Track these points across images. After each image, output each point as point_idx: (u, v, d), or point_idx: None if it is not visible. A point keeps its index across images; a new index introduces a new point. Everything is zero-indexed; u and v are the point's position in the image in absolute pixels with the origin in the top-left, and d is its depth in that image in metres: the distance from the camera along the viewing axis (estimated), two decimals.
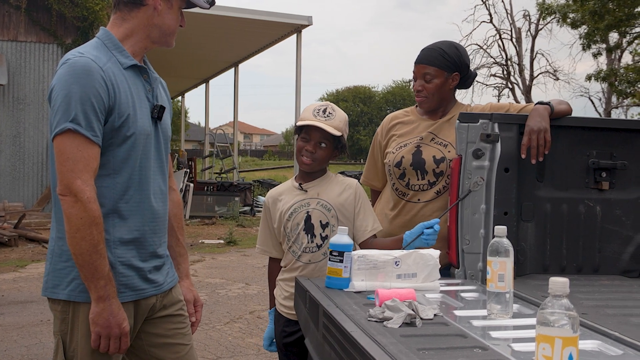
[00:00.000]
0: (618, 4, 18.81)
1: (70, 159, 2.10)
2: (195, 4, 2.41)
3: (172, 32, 2.38)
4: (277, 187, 3.19)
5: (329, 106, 2.99)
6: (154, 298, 2.36)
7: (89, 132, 2.12)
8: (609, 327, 2.02)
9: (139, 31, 2.32)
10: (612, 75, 22.06)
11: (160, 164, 2.39)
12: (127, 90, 2.24)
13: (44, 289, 2.27)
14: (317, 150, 2.97)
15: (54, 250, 2.24)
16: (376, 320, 2.01)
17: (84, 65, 2.15)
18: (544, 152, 2.83)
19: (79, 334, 2.19)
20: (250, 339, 5.86)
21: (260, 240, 3.17)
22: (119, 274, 2.22)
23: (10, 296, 7.49)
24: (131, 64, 2.29)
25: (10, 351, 5.42)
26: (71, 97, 2.11)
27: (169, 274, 2.46)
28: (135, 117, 2.25)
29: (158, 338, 2.41)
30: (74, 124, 2.10)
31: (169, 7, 2.33)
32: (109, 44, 2.28)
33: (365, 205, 3.03)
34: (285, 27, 16.66)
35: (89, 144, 2.12)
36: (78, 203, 2.08)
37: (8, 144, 14.36)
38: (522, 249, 2.94)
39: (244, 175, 26.29)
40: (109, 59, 2.24)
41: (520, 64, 32.71)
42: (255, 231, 14.13)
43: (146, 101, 2.33)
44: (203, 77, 24.65)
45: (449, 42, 3.27)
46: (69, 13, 14.40)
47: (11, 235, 11.25)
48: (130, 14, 2.31)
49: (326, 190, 3.01)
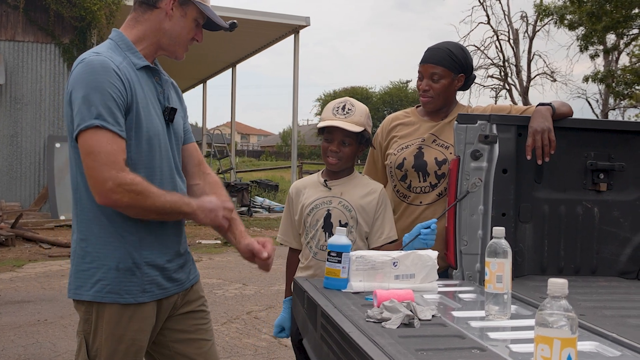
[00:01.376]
0: (615, 6, 18.86)
1: (101, 152, 2.09)
2: (217, 24, 2.41)
3: (182, 41, 2.37)
4: (303, 179, 3.24)
5: (347, 102, 3.00)
6: (175, 296, 2.40)
7: (117, 127, 2.13)
8: (607, 328, 2.02)
9: (150, 35, 2.33)
10: (609, 77, 22.11)
11: (175, 165, 2.41)
12: (140, 91, 2.25)
13: (69, 291, 2.30)
14: (341, 149, 2.99)
15: (76, 252, 2.27)
16: (374, 321, 2.01)
17: (101, 63, 2.16)
18: (549, 152, 2.82)
19: (103, 334, 2.23)
20: (247, 340, 5.85)
21: (281, 230, 3.22)
22: (144, 275, 2.26)
23: (7, 296, 7.48)
24: (144, 65, 2.30)
25: (7, 351, 5.41)
26: (93, 94, 2.12)
27: (191, 271, 2.49)
28: (149, 118, 2.27)
29: (181, 334, 2.44)
30: (100, 120, 2.10)
31: (182, 15, 2.33)
32: (122, 45, 2.30)
33: (386, 212, 3.04)
34: (282, 27, 16.66)
35: (116, 137, 2.13)
36: (128, 192, 2.09)
37: (5, 143, 14.33)
38: (520, 250, 2.94)
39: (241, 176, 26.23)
40: (124, 59, 2.25)
41: (517, 66, 32.77)
42: (252, 232, 14.12)
43: (157, 103, 2.34)
44: (201, 78, 24.65)
45: (454, 43, 3.26)
46: (66, 13, 14.37)
47: (8, 235, 11.23)
48: (143, 16, 2.33)
49: (350, 190, 3.03)
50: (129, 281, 2.23)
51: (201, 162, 2.58)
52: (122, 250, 2.22)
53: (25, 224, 12.46)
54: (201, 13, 2.36)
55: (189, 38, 2.38)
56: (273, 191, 22.67)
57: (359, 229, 3.00)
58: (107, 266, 2.20)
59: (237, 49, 18.83)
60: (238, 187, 18.43)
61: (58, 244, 11.28)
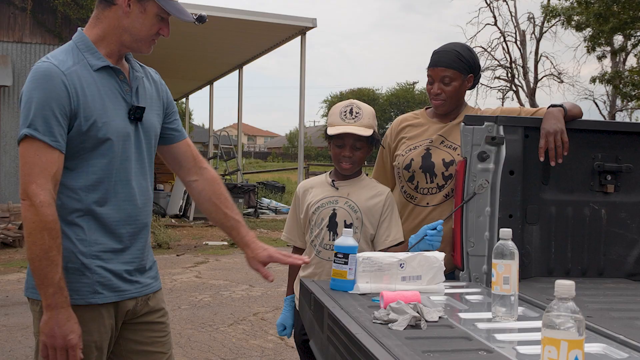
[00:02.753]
0: (623, 7, 18.81)
1: (27, 163, 2.10)
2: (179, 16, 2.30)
3: (144, 37, 2.30)
4: (310, 179, 3.26)
5: (353, 105, 3.01)
6: (134, 300, 2.35)
7: (48, 138, 2.11)
8: (615, 330, 2.01)
9: (110, 33, 2.28)
10: (616, 78, 22.05)
11: (142, 165, 2.36)
12: (95, 93, 2.21)
13: (25, 289, 2.29)
14: (354, 154, 3.00)
15: None
16: (381, 323, 2.01)
17: (44, 70, 2.15)
18: (562, 153, 2.81)
19: None
20: (254, 341, 5.86)
21: (286, 228, 3.23)
22: (96, 275, 2.22)
23: (15, 297, 7.50)
24: (102, 65, 2.25)
25: (14, 352, 5.43)
26: (31, 102, 2.12)
27: (154, 277, 2.45)
28: (108, 120, 2.22)
29: (137, 345, 2.40)
30: (31, 130, 2.10)
31: (141, 11, 2.26)
32: (81, 45, 2.27)
33: (392, 215, 3.04)
34: (289, 29, 16.66)
35: (47, 149, 2.11)
36: (32, 207, 2.08)
37: (13, 145, 14.37)
38: (527, 251, 2.94)
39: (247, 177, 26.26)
40: (78, 62, 2.21)
41: (524, 67, 32.71)
42: (259, 233, 14.13)
43: (122, 102, 2.29)
44: (207, 79, 24.66)
45: (460, 43, 3.26)
46: (73, 15, 14.43)
47: (16, 236, 11.27)
48: (103, 13, 2.29)
49: (357, 191, 3.04)
50: (77, 282, 2.19)
51: (196, 156, 2.55)
52: (70, 249, 2.18)
53: None
54: (161, 8, 2.27)
55: (152, 33, 2.31)
56: (280, 193, 22.70)
57: (364, 231, 3.00)
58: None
59: (244, 50, 18.83)
60: (245, 188, 18.44)
61: None
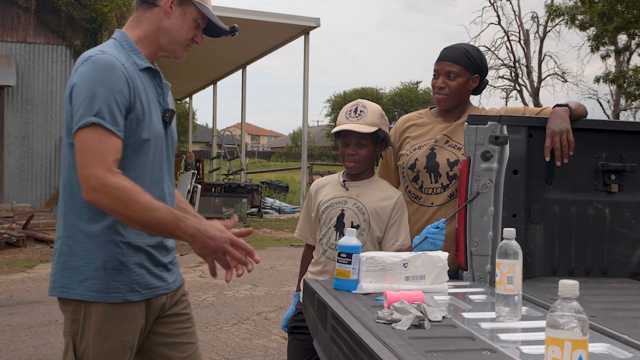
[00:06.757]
0: (627, 6, 18.78)
1: (92, 150, 2.07)
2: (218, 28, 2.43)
3: (181, 41, 2.37)
4: (324, 178, 3.30)
5: (359, 104, 3.04)
6: (164, 297, 2.38)
7: (113, 127, 2.12)
8: (619, 329, 2.01)
9: (150, 34, 2.34)
10: (620, 78, 22.01)
11: (170, 167, 2.41)
12: (142, 92, 2.25)
13: (52, 289, 2.26)
14: (357, 152, 3.01)
15: (62, 250, 2.23)
16: (384, 322, 2.01)
17: (107, 61, 2.16)
18: (568, 153, 2.81)
19: (90, 334, 2.19)
20: (257, 341, 5.86)
21: (299, 225, 3.27)
22: (133, 273, 2.24)
23: (19, 296, 7.52)
24: (146, 66, 2.31)
25: (18, 351, 5.44)
26: (95, 92, 2.11)
27: (178, 273, 2.49)
28: (150, 120, 2.27)
29: (166, 337, 2.42)
30: (98, 118, 2.09)
31: (182, 14, 2.33)
32: (125, 45, 2.30)
33: (401, 219, 3.04)
34: (292, 28, 16.67)
35: (112, 137, 2.11)
36: (109, 191, 2.04)
37: (16, 145, 14.41)
38: (531, 251, 2.94)
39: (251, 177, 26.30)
40: (127, 59, 2.25)
41: (528, 66, 32.67)
42: (262, 233, 14.14)
43: (158, 105, 2.35)
44: (211, 79, 24.69)
45: (470, 44, 3.30)
46: (77, 15, 14.45)
47: (19, 236, 11.29)
48: (144, 15, 2.34)
49: (366, 193, 3.04)
50: (116, 280, 2.20)
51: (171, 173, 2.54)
52: (110, 248, 2.20)
53: (36, 225, 12.52)
54: (201, 14, 2.36)
55: (189, 38, 2.38)
56: (283, 192, 22.71)
57: (370, 233, 3.00)
58: (94, 264, 2.18)
59: (247, 50, 18.86)
60: (248, 188, 18.47)
61: None
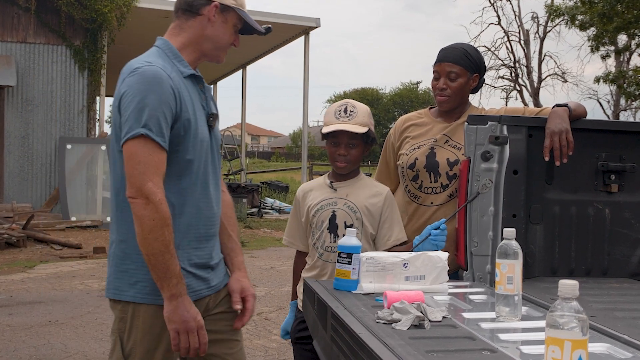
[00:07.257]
0: (627, 7, 18.77)
1: (142, 162, 2.15)
2: (254, 29, 2.50)
3: (224, 46, 2.45)
4: (310, 182, 3.26)
5: (348, 104, 3.02)
6: (207, 298, 2.43)
7: (160, 139, 2.18)
8: (618, 329, 2.01)
9: (193, 42, 2.40)
10: (620, 78, 22.01)
11: (215, 170, 2.47)
12: (188, 100, 2.31)
13: (107, 290, 2.35)
14: (349, 152, 3.00)
15: (115, 254, 2.31)
16: (384, 322, 2.01)
17: (154, 73, 2.22)
18: (567, 153, 2.81)
19: (139, 333, 2.27)
20: (257, 341, 5.86)
21: (287, 232, 3.23)
22: None
23: (19, 297, 7.52)
24: (190, 73, 2.36)
25: (18, 351, 5.44)
26: (144, 104, 2.17)
27: (223, 274, 2.53)
28: (197, 125, 2.32)
29: (213, 335, 2.44)
30: (147, 130, 2.16)
31: (224, 21, 2.40)
32: (169, 53, 2.36)
33: (392, 214, 3.04)
34: (292, 28, 16.69)
35: (158, 150, 2.19)
36: (150, 205, 2.13)
37: (17, 145, 14.42)
38: (531, 251, 2.93)
39: (251, 177, 26.28)
40: (172, 68, 2.30)
41: (528, 66, 32.68)
42: (262, 233, 14.14)
43: (202, 109, 2.40)
44: (211, 79, 24.73)
45: (467, 43, 3.30)
46: (77, 15, 14.45)
47: (20, 236, 11.30)
48: (186, 23, 2.39)
49: (355, 192, 3.03)
50: None
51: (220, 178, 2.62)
52: None
53: (36, 225, 12.53)
54: (240, 19, 2.44)
55: (230, 42, 2.46)
56: (283, 192, 22.70)
57: (364, 231, 2.99)
58: (145, 268, 2.23)
59: (248, 50, 18.88)
60: (248, 188, 18.46)
61: (69, 245, 11.34)
